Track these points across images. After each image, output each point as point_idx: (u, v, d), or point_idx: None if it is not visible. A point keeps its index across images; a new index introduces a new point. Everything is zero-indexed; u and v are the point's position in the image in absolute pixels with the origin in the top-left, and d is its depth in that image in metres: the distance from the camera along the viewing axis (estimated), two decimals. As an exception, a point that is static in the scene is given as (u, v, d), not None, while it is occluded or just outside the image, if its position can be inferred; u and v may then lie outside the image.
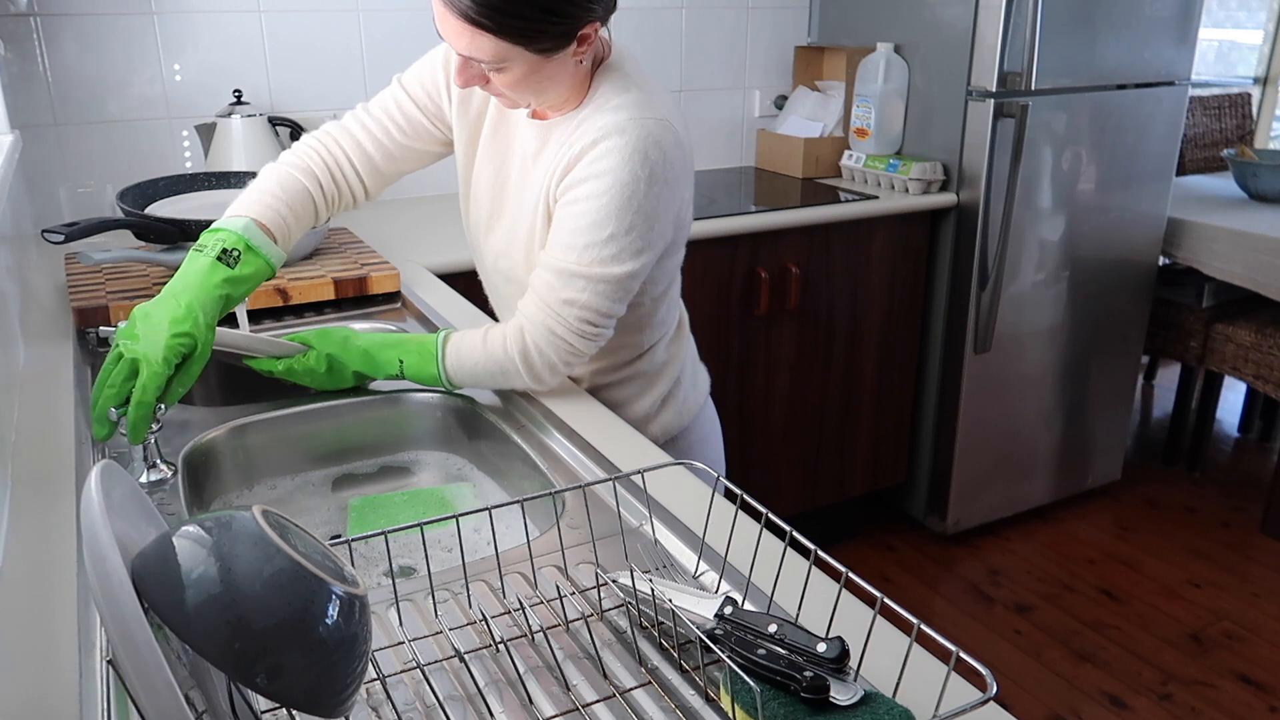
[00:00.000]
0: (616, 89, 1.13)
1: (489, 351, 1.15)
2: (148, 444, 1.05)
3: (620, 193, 1.09)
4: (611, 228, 1.10)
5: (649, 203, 1.10)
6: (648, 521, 0.94)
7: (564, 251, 1.12)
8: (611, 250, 1.10)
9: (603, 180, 1.09)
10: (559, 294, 1.12)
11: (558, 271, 1.12)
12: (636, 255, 1.12)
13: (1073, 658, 2.27)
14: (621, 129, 1.09)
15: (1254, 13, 4.03)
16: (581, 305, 1.12)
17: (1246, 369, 2.82)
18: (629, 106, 1.10)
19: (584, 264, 1.10)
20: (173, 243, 1.51)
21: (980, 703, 0.60)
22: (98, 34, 1.98)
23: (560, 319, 1.12)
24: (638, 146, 1.08)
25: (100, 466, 0.58)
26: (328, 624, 0.55)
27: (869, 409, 2.57)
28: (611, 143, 1.09)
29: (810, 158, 2.62)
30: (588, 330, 1.14)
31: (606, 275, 1.11)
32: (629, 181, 1.09)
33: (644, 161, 1.09)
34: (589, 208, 1.10)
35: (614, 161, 1.09)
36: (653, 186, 1.10)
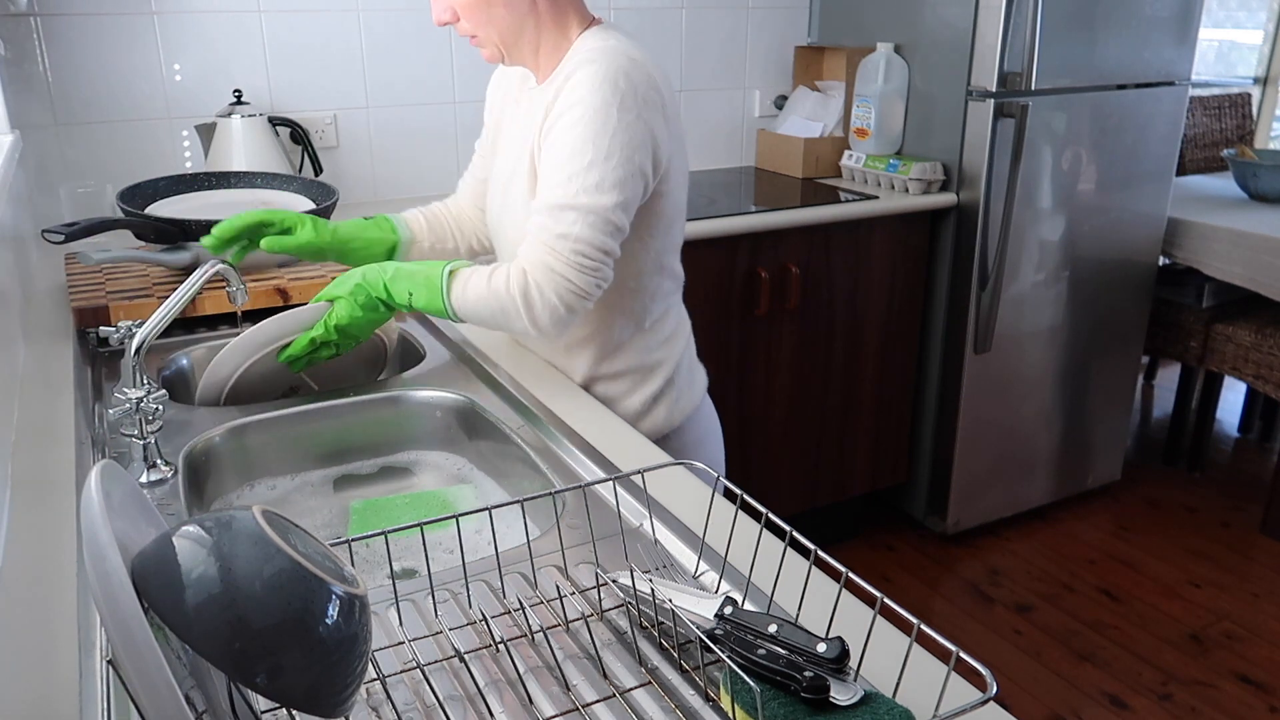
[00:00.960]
0: (596, 39, 1.18)
1: (493, 288, 1.15)
2: (148, 444, 1.05)
3: (593, 119, 1.12)
4: (589, 154, 1.12)
5: (623, 130, 1.13)
6: (648, 521, 0.94)
7: (550, 189, 1.15)
8: (595, 178, 1.12)
9: (575, 109, 1.13)
10: (552, 230, 1.14)
11: (548, 208, 1.14)
12: (620, 185, 1.14)
13: (1073, 658, 2.27)
14: (591, 60, 1.14)
15: (1254, 13, 4.03)
16: (575, 238, 1.13)
17: (1246, 369, 2.82)
18: (603, 49, 1.16)
19: (570, 195, 1.13)
20: (173, 243, 1.51)
21: (980, 703, 0.60)
22: (98, 34, 1.98)
23: (556, 254, 1.13)
24: (606, 75, 1.12)
25: (100, 466, 0.58)
26: (328, 624, 0.55)
27: (869, 409, 2.57)
28: (581, 73, 1.13)
29: (810, 158, 2.62)
30: (584, 264, 1.14)
31: (594, 205, 1.13)
32: (600, 107, 1.12)
33: (613, 89, 1.12)
34: (567, 138, 1.13)
35: (584, 90, 1.13)
36: (624, 114, 1.12)
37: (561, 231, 1.13)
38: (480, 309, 1.17)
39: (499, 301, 1.15)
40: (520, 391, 1.25)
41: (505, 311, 1.16)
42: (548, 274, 1.13)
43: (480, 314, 1.18)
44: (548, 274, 1.13)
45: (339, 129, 2.26)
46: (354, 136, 2.29)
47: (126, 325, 1.21)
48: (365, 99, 2.27)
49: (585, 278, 1.14)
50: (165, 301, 1.10)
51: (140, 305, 1.43)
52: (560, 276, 1.14)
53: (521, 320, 1.15)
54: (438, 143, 2.39)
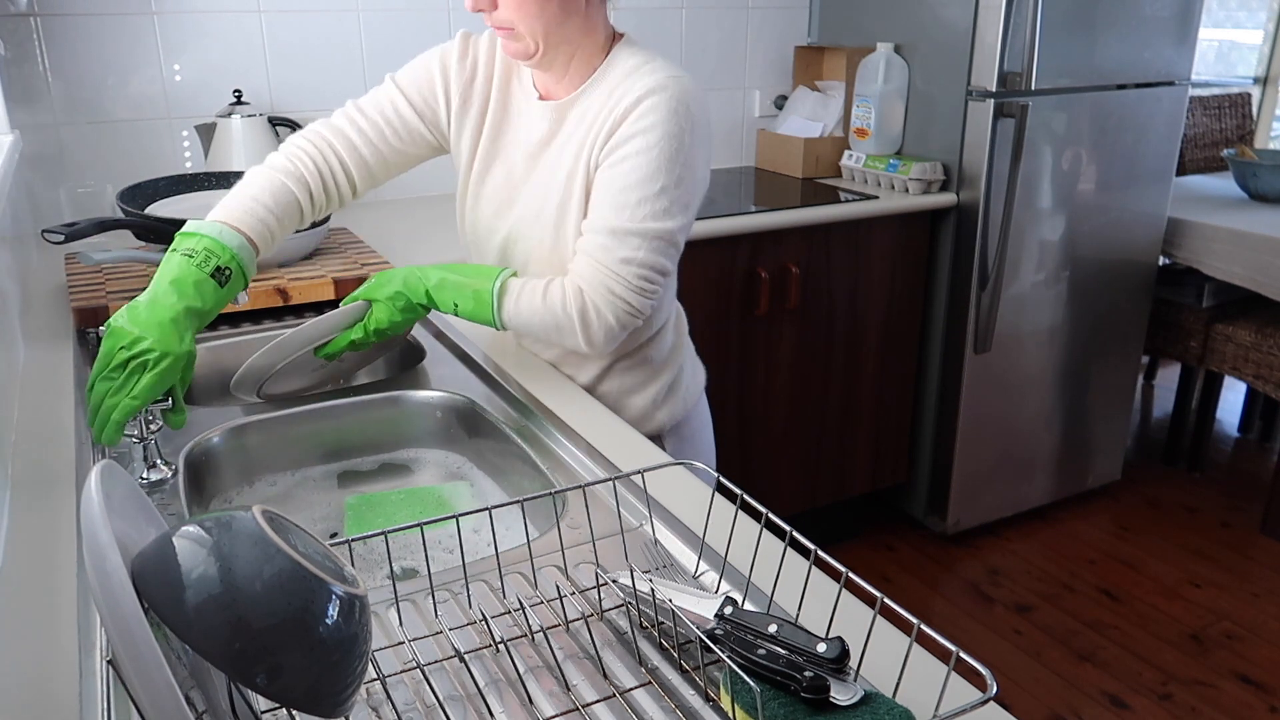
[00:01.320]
0: (641, 58, 1.18)
1: (549, 306, 1.15)
2: (148, 444, 1.05)
3: (668, 145, 1.12)
4: (663, 180, 1.13)
5: (691, 156, 1.14)
6: (648, 521, 0.94)
7: (616, 211, 1.13)
8: (664, 203, 1.13)
9: (650, 135, 1.12)
10: (615, 254, 1.13)
11: (611, 232, 1.13)
12: (685, 209, 1.16)
13: (1073, 658, 2.27)
14: (663, 87, 1.13)
15: (1254, 13, 4.03)
16: (639, 263, 1.13)
17: (1246, 369, 2.82)
18: (661, 70, 1.15)
19: (638, 220, 1.13)
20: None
21: (980, 703, 0.60)
22: (98, 34, 1.98)
23: (619, 278, 1.14)
24: (681, 100, 1.13)
25: (100, 466, 0.58)
26: (328, 624, 0.55)
27: (869, 409, 2.57)
28: (655, 99, 1.12)
29: (810, 158, 2.62)
30: (646, 288, 1.15)
31: (661, 230, 1.14)
32: (675, 134, 1.12)
33: (686, 115, 1.13)
34: (639, 164, 1.12)
35: (660, 116, 1.12)
36: (695, 140, 1.14)
37: (625, 256, 1.13)
38: (533, 323, 1.17)
39: (554, 319, 1.15)
40: (520, 391, 1.25)
41: (560, 329, 1.16)
42: (607, 297, 1.14)
43: (531, 327, 1.18)
44: (607, 297, 1.14)
45: (339, 129, 2.26)
46: (354, 136, 2.28)
47: (126, 325, 1.21)
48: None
49: (644, 300, 1.16)
50: (165, 301, 1.09)
51: (140, 305, 1.43)
52: (621, 300, 1.14)
53: (576, 338, 1.16)
54: (438, 143, 2.38)
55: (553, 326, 1.16)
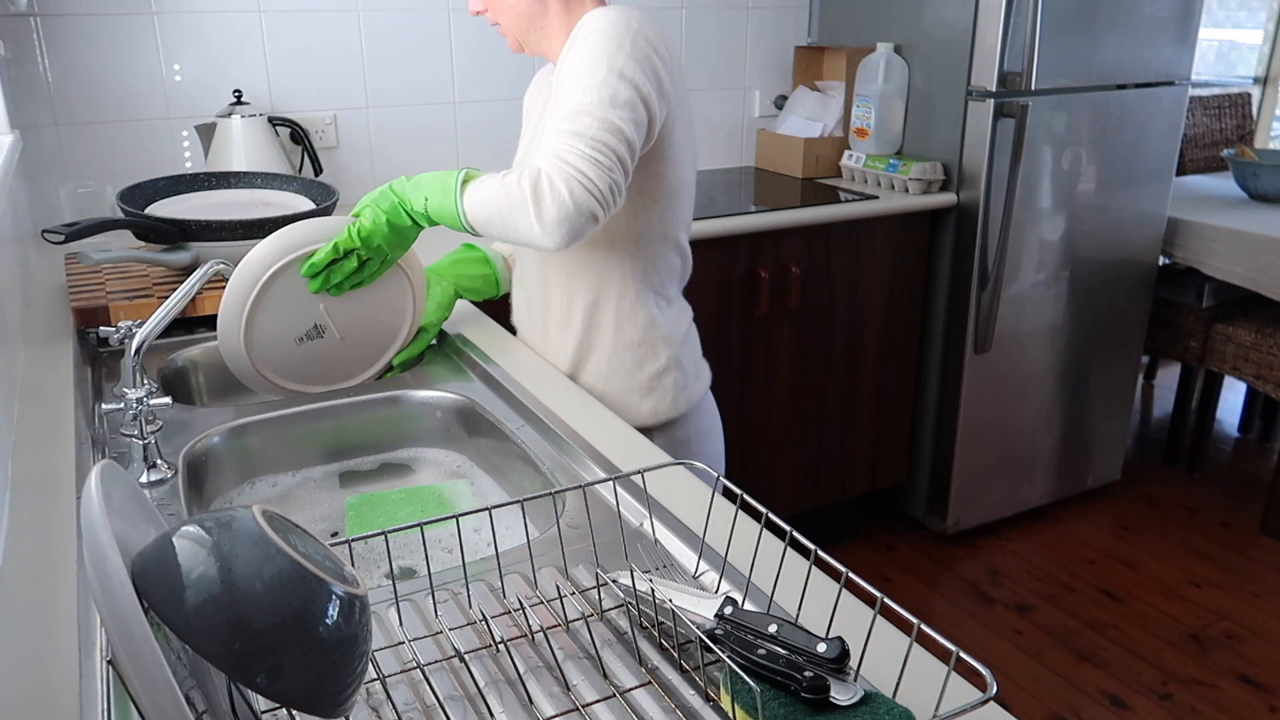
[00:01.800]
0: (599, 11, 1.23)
1: (504, 185, 1.13)
2: (148, 444, 1.05)
3: (607, 42, 1.16)
4: (603, 70, 1.15)
5: (634, 58, 1.16)
6: (648, 521, 0.94)
7: (563, 101, 1.16)
8: (609, 89, 1.14)
9: (590, 38, 1.17)
10: (566, 131, 1.13)
11: (562, 116, 1.15)
12: (630, 105, 1.15)
13: (1073, 658, 2.27)
14: (606, 7, 1.24)
15: (1254, 13, 4.03)
16: (590, 137, 1.12)
17: (1246, 369, 2.82)
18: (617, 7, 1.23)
19: (585, 103, 1.14)
20: (173, 243, 1.51)
21: (980, 703, 0.60)
22: (98, 34, 1.98)
23: (569, 148, 1.12)
24: (623, 15, 1.19)
25: (100, 466, 0.58)
26: (328, 624, 0.55)
27: (869, 409, 2.57)
28: (595, 16, 1.20)
29: (810, 158, 2.62)
30: (598, 159, 1.12)
31: (608, 113, 1.14)
32: (613, 34, 1.17)
33: (626, 26, 1.17)
34: (580, 57, 1.17)
35: (598, 24, 1.18)
36: (635, 46, 1.17)
37: (576, 130, 1.13)
38: (489, 207, 1.14)
39: (507, 197, 1.12)
40: (520, 391, 1.25)
41: (513, 207, 1.12)
42: (559, 165, 1.11)
43: (489, 214, 1.15)
44: (559, 165, 1.11)
45: (339, 129, 2.26)
46: (354, 137, 2.29)
47: (126, 325, 1.21)
48: (365, 99, 2.28)
49: (599, 173, 1.12)
50: (165, 301, 1.10)
51: (140, 305, 1.43)
52: (572, 168, 1.11)
53: (528, 215, 1.11)
54: (438, 143, 2.39)
55: (506, 207, 1.13)
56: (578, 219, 1.11)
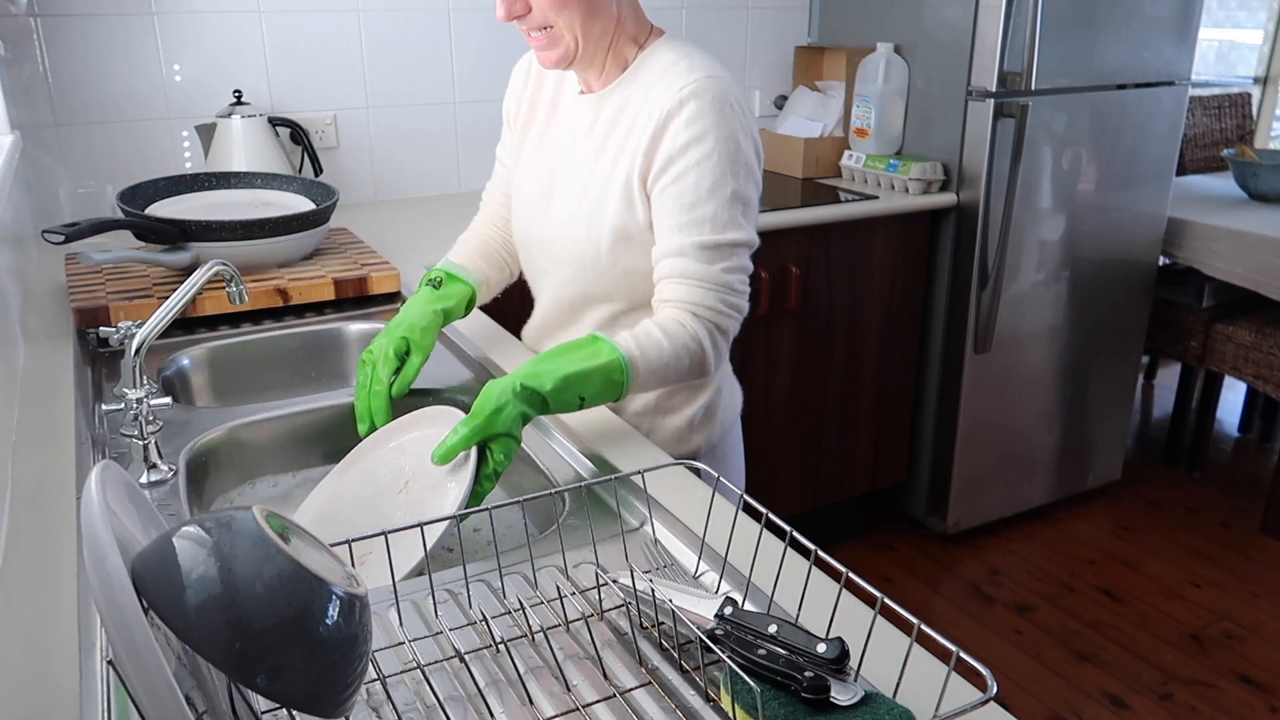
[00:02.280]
0: (677, 54, 1.16)
1: (675, 345, 1.08)
2: (148, 444, 1.05)
3: (727, 148, 1.11)
4: (732, 185, 1.12)
5: (748, 155, 1.14)
6: (648, 521, 0.94)
7: (697, 228, 1.11)
8: (739, 209, 1.13)
9: (705, 142, 1.10)
10: (713, 268, 1.11)
11: (701, 247, 1.11)
12: (754, 205, 1.16)
13: (1073, 658, 2.27)
14: (703, 90, 1.10)
15: (1254, 13, 4.03)
16: (739, 269, 1.14)
17: (1246, 369, 2.82)
18: (699, 68, 1.13)
19: (720, 230, 1.12)
20: (173, 243, 1.51)
21: (980, 703, 0.60)
22: (98, 34, 1.98)
23: (727, 288, 1.12)
24: (724, 100, 1.11)
25: (100, 466, 0.58)
26: (328, 624, 0.55)
27: (869, 409, 2.57)
28: (699, 104, 1.10)
29: (810, 158, 2.62)
30: (746, 292, 1.15)
31: (744, 239, 1.14)
32: (729, 136, 1.11)
33: (733, 114, 1.12)
34: (703, 173, 1.11)
35: (710, 121, 1.10)
36: (745, 136, 1.13)
37: (727, 265, 1.12)
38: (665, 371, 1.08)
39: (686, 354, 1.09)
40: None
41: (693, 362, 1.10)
42: (725, 313, 1.12)
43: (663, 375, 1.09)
44: (725, 313, 1.12)
45: (339, 129, 2.26)
46: (354, 137, 2.29)
47: (126, 325, 1.21)
48: (365, 99, 2.28)
49: (745, 305, 1.15)
50: (165, 302, 1.10)
51: (140, 305, 1.43)
52: (731, 310, 1.13)
53: (705, 365, 1.12)
54: (438, 143, 2.39)
55: (684, 365, 1.09)
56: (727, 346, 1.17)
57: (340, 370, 1.54)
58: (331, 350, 1.53)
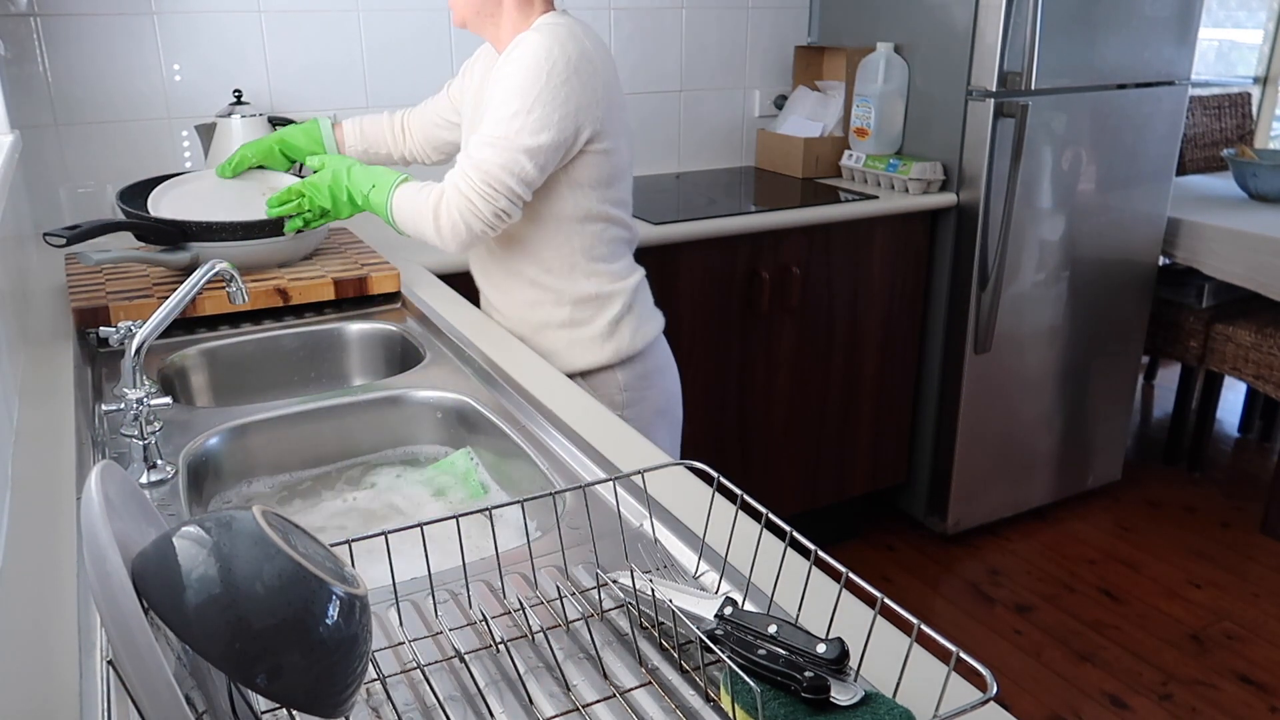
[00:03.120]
0: (550, 18, 1.37)
1: (417, 198, 1.37)
2: (148, 444, 1.05)
3: (525, 74, 1.30)
4: (515, 104, 1.31)
5: (553, 85, 1.30)
6: (648, 521, 0.94)
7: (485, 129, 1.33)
8: (515, 125, 1.31)
9: (512, 65, 1.32)
10: (469, 159, 1.33)
11: (477, 142, 1.33)
12: (537, 132, 1.31)
13: (1073, 658, 2.27)
14: (536, 30, 1.34)
15: (1254, 13, 4.03)
16: (485, 171, 1.31)
17: (1246, 369, 2.82)
18: (550, 24, 1.35)
19: (496, 135, 1.31)
20: (173, 243, 1.51)
21: (980, 703, 0.60)
22: (98, 34, 1.98)
23: (466, 179, 1.33)
24: (547, 40, 1.31)
25: (100, 467, 0.58)
26: (328, 624, 0.55)
27: (869, 409, 2.57)
28: (526, 39, 1.33)
29: (810, 158, 2.62)
30: (487, 193, 1.32)
31: (509, 145, 1.31)
32: (533, 65, 1.30)
33: (549, 51, 1.30)
34: (500, 89, 1.33)
35: (524, 50, 1.32)
36: (552, 78, 1.30)
37: (476, 161, 1.32)
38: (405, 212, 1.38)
39: (418, 212, 1.36)
40: (520, 391, 1.25)
41: (420, 219, 1.36)
42: (455, 194, 1.33)
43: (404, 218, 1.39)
44: (455, 194, 1.33)
45: (339, 129, 2.26)
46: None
47: (126, 325, 1.21)
48: (365, 99, 2.27)
49: (486, 205, 1.33)
50: (165, 301, 1.10)
51: (140, 305, 1.43)
52: (464, 199, 1.33)
53: (430, 229, 1.36)
54: (438, 143, 2.38)
55: (416, 217, 1.37)
56: (468, 236, 1.35)
57: (340, 370, 1.54)
58: (331, 350, 1.54)
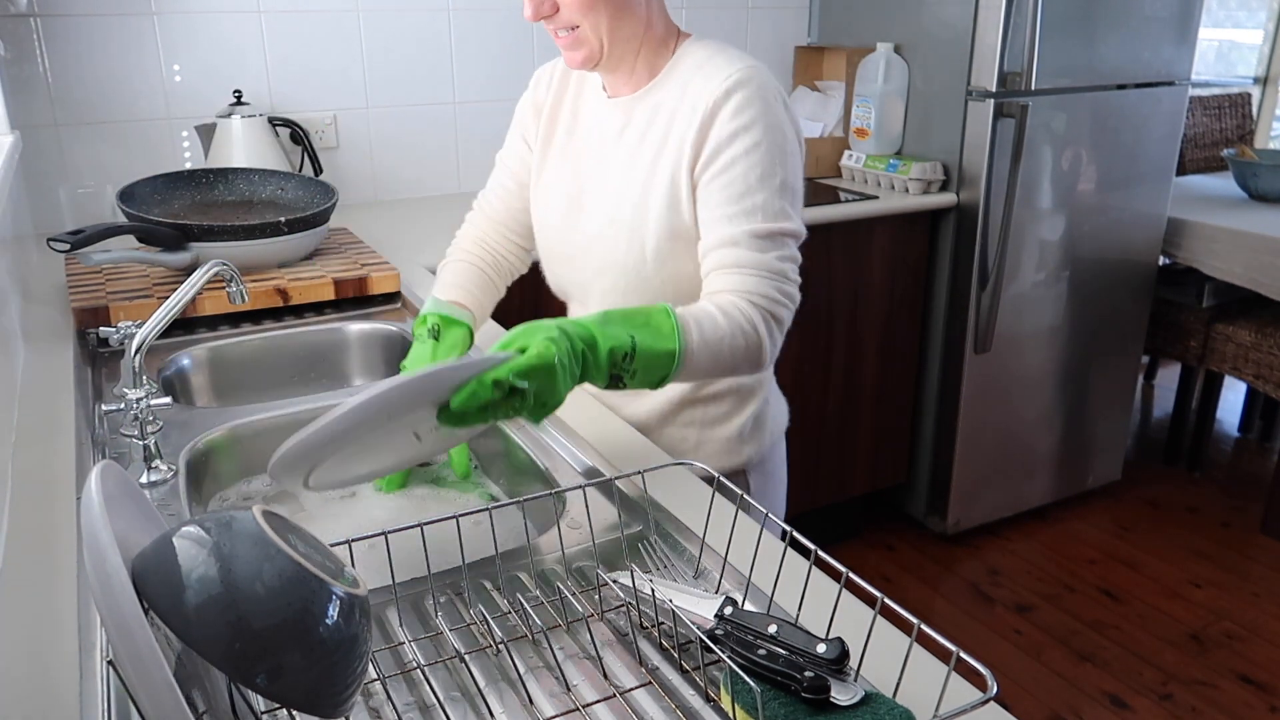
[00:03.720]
0: (711, 51, 1.14)
1: (732, 325, 1.03)
2: (148, 444, 1.05)
3: (773, 137, 1.08)
4: (780, 174, 1.09)
5: (794, 140, 1.11)
6: (648, 521, 0.94)
7: (748, 217, 1.08)
8: (789, 199, 1.10)
9: (754, 131, 1.08)
10: (766, 256, 1.07)
11: (754, 236, 1.07)
12: (798, 200, 1.12)
13: (1073, 658, 2.27)
14: (747, 79, 1.08)
15: (1254, 13, 4.03)
16: (792, 259, 1.10)
17: (1246, 369, 2.82)
18: (736, 59, 1.11)
19: (772, 219, 1.08)
20: (175, 245, 1.51)
21: (980, 703, 0.60)
22: (98, 34, 1.98)
23: (781, 276, 1.08)
24: (769, 90, 1.09)
25: (100, 466, 0.58)
26: (328, 624, 0.55)
27: (869, 409, 2.57)
28: (743, 94, 1.08)
29: (810, 158, 2.62)
30: (797, 282, 1.10)
31: (794, 229, 1.10)
32: (776, 125, 1.09)
33: (777, 103, 1.09)
34: (752, 162, 1.08)
35: (756, 110, 1.08)
36: (790, 127, 1.11)
37: (781, 254, 1.08)
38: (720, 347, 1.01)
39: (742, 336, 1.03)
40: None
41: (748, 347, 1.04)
42: (781, 301, 1.07)
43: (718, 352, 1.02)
44: (781, 301, 1.07)
45: (339, 129, 2.26)
46: (354, 137, 2.29)
47: (126, 325, 1.21)
48: (365, 99, 2.28)
49: (797, 295, 1.10)
50: (165, 302, 1.10)
51: (140, 305, 1.43)
52: (786, 299, 1.08)
53: (764, 350, 1.06)
54: (437, 143, 2.39)
55: (739, 346, 1.03)
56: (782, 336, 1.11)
57: (340, 370, 1.54)
58: (331, 350, 1.53)
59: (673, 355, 0.96)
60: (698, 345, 0.99)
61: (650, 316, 0.97)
